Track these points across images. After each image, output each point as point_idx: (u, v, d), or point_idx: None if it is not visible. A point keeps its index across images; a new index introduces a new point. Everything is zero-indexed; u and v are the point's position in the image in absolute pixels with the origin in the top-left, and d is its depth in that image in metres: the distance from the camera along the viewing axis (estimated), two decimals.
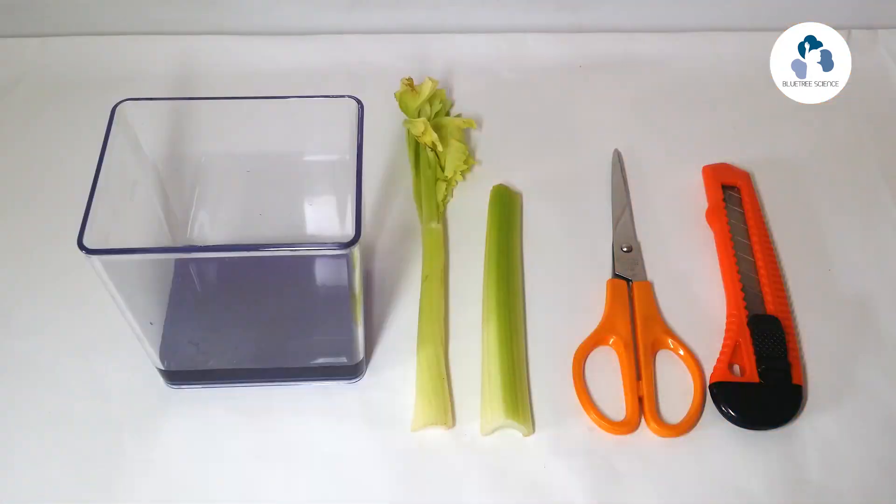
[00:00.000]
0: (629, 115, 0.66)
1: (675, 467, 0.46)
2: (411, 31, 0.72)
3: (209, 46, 0.69)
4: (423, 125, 0.58)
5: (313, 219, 0.54)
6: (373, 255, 0.56)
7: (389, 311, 0.53)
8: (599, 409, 0.48)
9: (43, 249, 0.55)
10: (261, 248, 0.39)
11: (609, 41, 0.72)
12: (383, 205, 0.59)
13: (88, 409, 0.47)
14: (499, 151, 0.63)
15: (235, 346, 0.49)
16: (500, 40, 0.71)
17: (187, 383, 0.48)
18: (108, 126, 0.43)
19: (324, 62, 0.69)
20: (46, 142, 0.63)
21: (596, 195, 0.60)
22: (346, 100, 0.45)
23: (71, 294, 0.52)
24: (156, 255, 0.46)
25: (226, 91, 0.64)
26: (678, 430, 0.47)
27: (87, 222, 0.38)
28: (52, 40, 0.70)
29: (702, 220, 0.58)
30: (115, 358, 0.49)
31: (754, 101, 0.67)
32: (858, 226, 0.58)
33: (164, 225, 0.50)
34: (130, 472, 0.45)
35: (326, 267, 0.48)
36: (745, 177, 0.60)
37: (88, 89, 0.66)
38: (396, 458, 0.46)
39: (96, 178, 0.40)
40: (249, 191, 0.54)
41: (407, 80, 0.61)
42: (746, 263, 0.54)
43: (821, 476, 0.45)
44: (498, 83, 0.69)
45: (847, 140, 0.65)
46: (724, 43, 0.72)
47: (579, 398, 0.48)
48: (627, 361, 0.49)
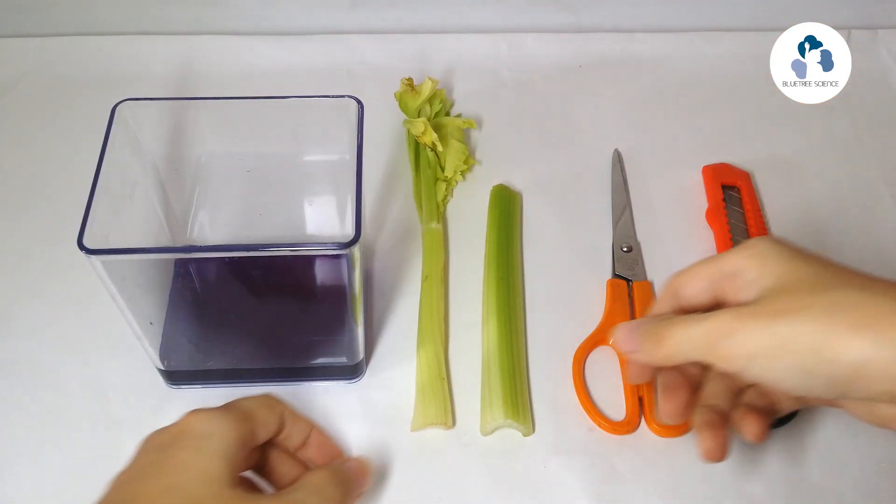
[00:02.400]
0: (629, 115, 0.66)
1: (675, 467, 0.46)
2: (411, 31, 0.72)
3: (209, 46, 0.69)
4: (423, 125, 0.58)
5: (313, 219, 0.54)
6: (373, 255, 0.56)
7: (389, 311, 0.53)
8: (599, 409, 0.48)
9: (43, 249, 0.55)
10: (261, 248, 0.39)
11: (609, 41, 0.72)
12: (383, 205, 0.59)
13: (88, 409, 0.47)
14: (499, 151, 0.63)
15: (235, 346, 0.49)
16: (500, 40, 0.71)
17: (187, 383, 0.48)
18: (108, 126, 0.43)
19: (324, 62, 0.69)
20: (46, 142, 0.63)
21: (596, 195, 0.60)
22: (346, 100, 0.45)
23: (71, 294, 0.52)
24: (156, 255, 0.46)
25: (226, 91, 0.64)
26: (678, 430, 0.47)
27: (87, 222, 0.38)
28: (52, 40, 0.70)
29: (702, 220, 0.58)
30: (115, 358, 0.49)
31: (754, 101, 0.67)
32: (858, 226, 0.58)
33: (164, 225, 0.50)
34: None
35: (326, 267, 0.48)
36: (745, 177, 0.60)
37: (88, 89, 0.66)
38: (396, 458, 0.46)
39: (96, 178, 0.40)
40: (249, 191, 0.54)
41: (407, 80, 0.61)
42: None
43: (821, 476, 0.45)
44: (498, 83, 0.69)
45: (847, 140, 0.65)
46: (724, 43, 0.72)
47: (579, 398, 0.48)
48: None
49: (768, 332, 0.34)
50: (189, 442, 0.35)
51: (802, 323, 0.33)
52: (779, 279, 0.36)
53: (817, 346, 0.33)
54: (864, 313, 0.33)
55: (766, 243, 0.37)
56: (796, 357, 0.33)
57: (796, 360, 0.33)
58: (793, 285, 0.35)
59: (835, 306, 0.33)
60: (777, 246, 0.37)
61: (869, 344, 0.32)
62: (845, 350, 0.32)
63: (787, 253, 0.37)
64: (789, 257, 0.36)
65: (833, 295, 0.34)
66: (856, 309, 0.33)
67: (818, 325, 0.33)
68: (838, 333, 0.32)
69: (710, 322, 0.35)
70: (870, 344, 0.32)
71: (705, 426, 0.39)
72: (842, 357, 0.32)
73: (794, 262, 0.36)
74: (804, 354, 0.33)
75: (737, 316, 0.35)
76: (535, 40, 0.72)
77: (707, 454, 0.39)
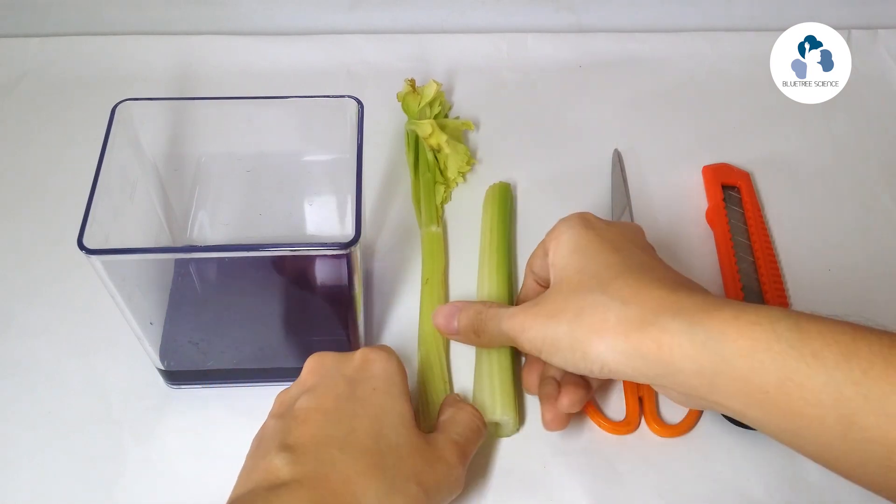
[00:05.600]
0: (629, 115, 0.66)
1: (675, 467, 0.46)
2: (411, 31, 0.72)
3: (209, 46, 0.69)
4: (431, 127, 0.58)
5: (313, 219, 0.54)
6: (373, 255, 0.56)
7: (389, 311, 0.53)
8: (599, 409, 0.48)
9: (43, 250, 0.55)
10: (261, 248, 0.39)
11: (609, 41, 0.72)
12: (383, 205, 0.59)
13: (88, 409, 0.47)
14: (499, 151, 0.63)
15: (235, 346, 0.49)
16: (500, 40, 0.71)
17: (187, 383, 0.48)
18: (108, 126, 0.43)
19: (324, 62, 0.69)
20: (46, 142, 0.63)
21: (596, 195, 0.60)
22: (346, 100, 0.45)
23: (71, 294, 0.52)
24: (156, 255, 0.46)
25: (226, 91, 0.65)
26: (678, 430, 0.47)
27: (87, 222, 0.38)
28: (52, 40, 0.70)
29: (702, 220, 0.58)
30: (115, 358, 0.49)
31: (754, 101, 0.67)
32: (858, 226, 0.58)
33: (164, 225, 0.50)
34: (130, 472, 0.45)
35: (326, 267, 0.48)
36: (745, 177, 0.60)
37: (88, 89, 0.66)
38: None
39: (96, 178, 0.40)
40: (249, 191, 0.54)
41: (410, 81, 0.61)
42: (746, 263, 0.54)
43: (821, 476, 0.45)
44: (498, 83, 0.69)
45: (847, 140, 0.65)
46: (724, 43, 0.72)
47: None
48: None
49: (543, 332, 0.40)
50: (379, 383, 0.40)
51: (560, 325, 0.39)
52: (560, 271, 0.42)
53: (573, 345, 0.38)
54: (600, 319, 0.37)
55: (566, 227, 0.43)
56: (564, 353, 0.39)
57: (565, 356, 0.39)
58: (563, 283, 0.41)
59: (582, 311, 0.38)
60: (571, 231, 0.42)
61: (604, 348, 0.37)
62: (589, 351, 0.37)
63: (573, 243, 0.42)
64: (573, 249, 0.42)
65: (584, 299, 0.39)
66: (593, 315, 0.38)
67: (570, 328, 0.38)
68: (588, 337, 0.38)
69: (512, 320, 0.41)
70: (605, 348, 0.37)
71: (545, 398, 0.44)
72: (589, 356, 0.38)
73: (575, 256, 0.41)
74: (567, 352, 0.39)
75: (526, 315, 0.41)
76: (535, 40, 0.72)
77: (546, 425, 0.44)
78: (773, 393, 0.33)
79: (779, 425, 0.34)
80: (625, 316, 0.37)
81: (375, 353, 0.41)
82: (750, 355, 0.34)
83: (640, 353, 0.36)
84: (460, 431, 0.41)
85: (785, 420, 0.34)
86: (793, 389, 0.33)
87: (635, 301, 0.37)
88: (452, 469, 0.39)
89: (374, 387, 0.40)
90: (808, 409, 0.33)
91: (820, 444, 0.33)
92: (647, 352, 0.36)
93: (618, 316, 0.37)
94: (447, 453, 0.40)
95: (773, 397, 0.33)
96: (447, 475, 0.39)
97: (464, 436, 0.41)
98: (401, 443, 0.38)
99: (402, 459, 0.37)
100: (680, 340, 0.35)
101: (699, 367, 0.35)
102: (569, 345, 0.38)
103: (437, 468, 0.39)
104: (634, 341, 0.36)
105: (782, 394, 0.33)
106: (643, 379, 0.37)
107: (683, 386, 0.36)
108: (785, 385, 0.33)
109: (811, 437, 0.33)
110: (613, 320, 0.37)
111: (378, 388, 0.40)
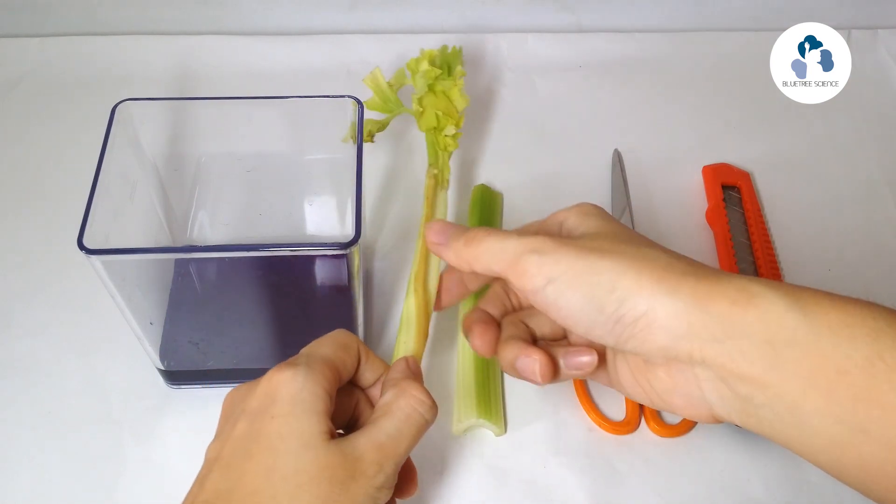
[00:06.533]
0: (629, 115, 0.66)
1: (675, 467, 0.46)
2: (411, 31, 0.72)
3: (209, 46, 0.69)
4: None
5: (313, 219, 0.54)
6: (373, 255, 0.56)
7: (389, 311, 0.53)
8: (599, 409, 0.48)
9: (43, 249, 0.55)
10: (261, 248, 0.39)
11: (609, 41, 0.72)
12: (383, 205, 0.59)
13: (88, 409, 0.47)
14: (499, 151, 0.63)
15: (235, 346, 0.49)
16: (500, 40, 0.71)
17: (187, 383, 0.48)
18: (108, 126, 0.43)
19: (324, 62, 0.69)
20: (46, 142, 0.63)
21: (596, 195, 0.60)
22: (346, 100, 0.45)
23: (71, 294, 0.52)
24: (156, 255, 0.46)
25: (226, 91, 0.65)
26: (678, 430, 0.47)
27: (87, 222, 0.38)
28: (52, 40, 0.70)
29: (702, 220, 0.58)
30: (115, 358, 0.49)
31: (754, 101, 0.67)
32: (858, 226, 0.58)
33: (164, 225, 0.50)
34: (130, 472, 0.45)
35: (326, 267, 0.48)
36: (745, 177, 0.60)
37: (88, 89, 0.66)
38: None
39: (96, 178, 0.40)
40: (249, 191, 0.54)
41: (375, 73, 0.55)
42: (746, 263, 0.54)
43: (821, 476, 0.45)
44: (498, 83, 0.69)
45: (847, 140, 0.65)
46: (724, 43, 0.72)
47: (579, 398, 0.48)
48: None
49: (577, 260, 0.35)
50: (280, 408, 0.35)
51: (611, 261, 0.34)
52: (599, 229, 0.37)
53: (616, 283, 0.34)
54: (663, 265, 0.34)
55: (589, 205, 0.39)
56: (593, 288, 0.34)
57: (592, 291, 0.34)
58: (612, 235, 0.37)
59: (645, 258, 0.34)
60: (598, 208, 0.39)
61: (662, 295, 0.33)
62: (639, 294, 0.33)
63: (607, 214, 0.39)
64: (609, 218, 0.39)
65: (646, 251, 0.35)
66: (656, 261, 0.34)
67: (624, 267, 0.34)
68: (639, 279, 0.33)
69: (527, 238, 0.36)
70: (662, 296, 0.33)
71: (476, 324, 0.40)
72: (633, 299, 0.33)
73: (614, 223, 0.38)
74: (600, 287, 0.34)
75: (555, 240, 0.36)
76: (535, 40, 0.72)
77: (478, 350, 0.40)
78: (853, 373, 0.30)
79: (839, 416, 0.31)
80: (693, 271, 0.34)
81: (280, 375, 0.36)
82: (839, 331, 0.31)
83: (704, 306, 0.32)
84: (393, 427, 0.36)
85: (852, 408, 0.30)
86: (881, 371, 0.30)
87: (700, 265, 0.34)
88: (371, 480, 0.34)
89: (273, 414, 0.35)
90: (892, 396, 0.30)
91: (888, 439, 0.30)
92: (716, 307, 0.32)
93: (685, 269, 0.34)
94: (366, 464, 0.34)
95: (851, 378, 0.31)
96: (364, 490, 0.34)
97: (396, 434, 0.36)
98: (299, 469, 0.33)
99: (299, 488, 0.33)
100: (762, 302, 0.32)
101: (771, 335, 0.32)
102: (610, 281, 0.34)
103: (349, 487, 0.34)
104: (703, 293, 0.33)
105: (866, 375, 0.30)
106: (682, 342, 0.33)
107: (735, 357, 0.32)
108: (873, 365, 0.30)
109: (878, 431, 0.30)
110: (680, 270, 0.34)
111: (278, 415, 0.35)
